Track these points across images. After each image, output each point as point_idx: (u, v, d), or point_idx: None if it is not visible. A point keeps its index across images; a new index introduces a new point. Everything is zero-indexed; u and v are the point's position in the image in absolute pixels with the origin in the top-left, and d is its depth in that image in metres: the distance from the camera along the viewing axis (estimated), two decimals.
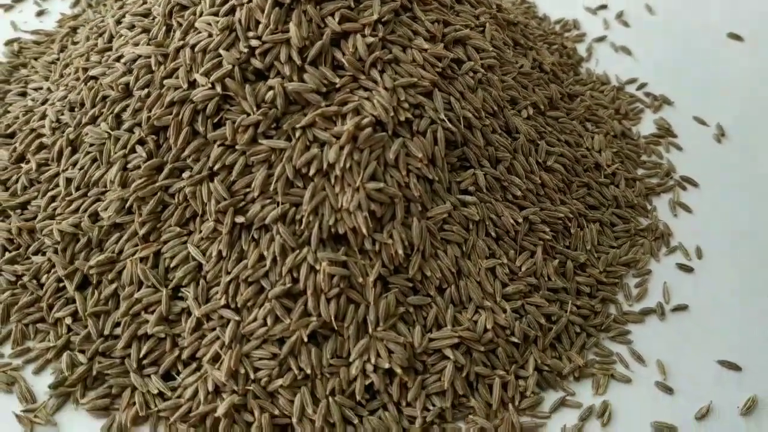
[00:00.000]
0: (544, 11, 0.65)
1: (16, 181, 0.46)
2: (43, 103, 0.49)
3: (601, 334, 0.45)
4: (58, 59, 0.53)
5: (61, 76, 0.49)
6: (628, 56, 0.62)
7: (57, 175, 0.45)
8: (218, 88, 0.40)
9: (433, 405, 0.40)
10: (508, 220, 0.44)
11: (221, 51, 0.41)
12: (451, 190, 0.43)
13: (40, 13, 0.60)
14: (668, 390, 0.43)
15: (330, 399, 0.39)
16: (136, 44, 0.44)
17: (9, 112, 0.51)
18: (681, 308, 0.46)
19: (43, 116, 0.47)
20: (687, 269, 0.48)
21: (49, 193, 0.44)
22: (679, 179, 0.53)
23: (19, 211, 0.45)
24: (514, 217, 0.44)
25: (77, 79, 0.47)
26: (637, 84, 0.60)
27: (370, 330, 0.40)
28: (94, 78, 0.45)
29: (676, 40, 0.64)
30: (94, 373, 0.40)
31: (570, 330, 0.44)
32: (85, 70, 0.46)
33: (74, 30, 0.57)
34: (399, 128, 0.41)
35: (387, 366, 0.39)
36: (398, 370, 0.39)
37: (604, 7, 0.66)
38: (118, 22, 0.48)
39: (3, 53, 0.57)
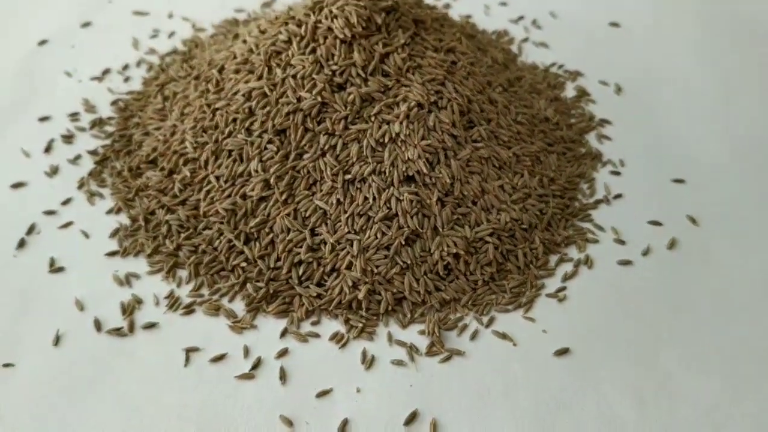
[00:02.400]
0: (482, 26, 0.91)
1: (173, 188, 0.67)
2: (172, 135, 0.70)
3: (574, 219, 0.70)
4: (163, 107, 0.74)
5: (182, 114, 0.70)
6: (546, 48, 0.89)
7: (206, 176, 0.66)
8: (319, 99, 0.63)
9: (485, 272, 0.63)
10: (504, 155, 0.68)
11: (314, 75, 0.64)
12: (466, 141, 0.67)
13: (126, 80, 0.81)
14: (622, 242, 0.68)
15: (425, 277, 0.62)
16: (247, 82, 0.66)
17: (143, 147, 0.72)
18: (618, 196, 0.72)
19: (182, 141, 0.68)
20: (617, 173, 0.74)
21: (204, 189, 0.65)
22: (599, 121, 0.80)
23: (180, 206, 0.66)
24: (507, 153, 0.68)
25: (203, 112, 0.68)
26: (556, 66, 0.86)
27: (440, 232, 0.63)
28: (218, 109, 0.67)
29: (575, 33, 0.91)
30: (271, 291, 0.61)
31: (554, 218, 0.68)
32: (209, 105, 0.68)
33: (162, 86, 0.78)
34: (431, 106, 0.65)
35: (455, 251, 0.62)
36: (462, 253, 0.62)
37: (521, 18, 0.93)
38: (220, 71, 0.70)
39: (112, 111, 0.77)
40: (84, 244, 0.65)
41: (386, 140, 0.63)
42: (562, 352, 0.59)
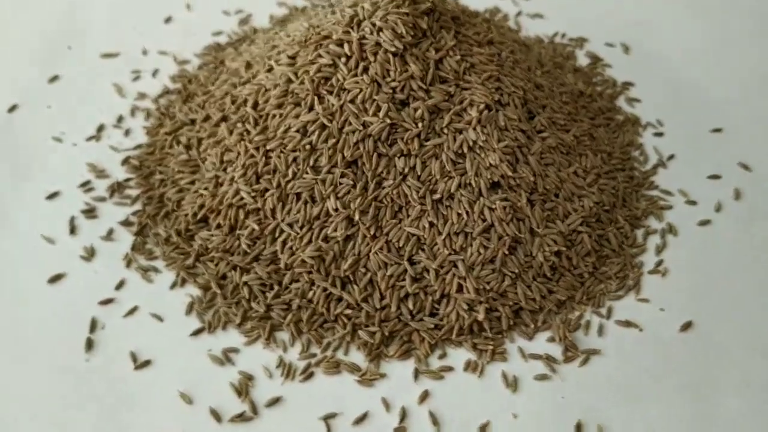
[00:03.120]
0: (471, 7, 0.88)
1: (240, 245, 0.61)
2: (216, 187, 0.63)
3: (641, 189, 0.69)
4: (189, 157, 0.67)
5: (222, 162, 0.64)
6: (542, 19, 0.87)
7: (277, 226, 0.60)
8: (387, 120, 0.59)
9: (587, 262, 0.62)
10: (567, 139, 0.66)
11: (375, 97, 0.59)
12: (533, 133, 0.64)
13: (126, 134, 0.72)
14: (693, 203, 0.68)
15: (535, 282, 0.60)
16: (298, 116, 0.61)
17: (183, 206, 0.64)
18: (671, 157, 0.72)
19: (237, 192, 0.61)
20: (660, 134, 0.74)
21: (279, 240, 0.60)
22: (622, 84, 0.80)
23: (255, 263, 0.60)
24: (569, 137, 0.67)
25: (252, 157, 0.61)
26: (560, 35, 0.85)
27: (537, 232, 0.60)
28: (271, 150, 0.61)
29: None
30: (387, 333, 0.57)
31: (627, 192, 0.68)
32: (258, 148, 0.61)
33: (173, 134, 0.70)
34: (496, 105, 0.62)
35: (556, 249, 0.60)
36: (563, 249, 0.61)
37: None
38: (255, 108, 0.64)
39: (125, 171, 0.69)
40: (160, 328, 0.58)
41: (465, 150, 0.60)
42: (687, 326, 0.59)
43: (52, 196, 0.66)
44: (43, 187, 0.67)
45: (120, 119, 0.73)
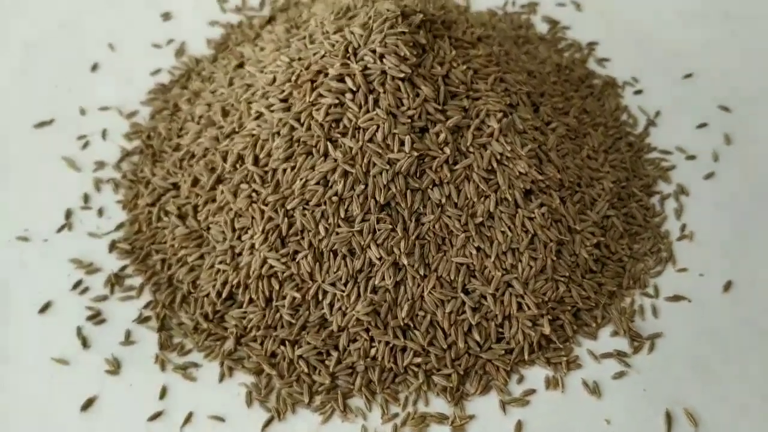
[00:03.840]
0: None
1: (280, 318, 0.56)
2: (234, 258, 0.58)
3: (642, 153, 0.70)
4: (190, 231, 0.60)
5: (235, 230, 0.58)
6: None
7: (319, 288, 0.55)
8: (414, 154, 0.55)
9: (623, 245, 0.62)
10: (572, 122, 0.65)
11: (394, 131, 0.55)
12: (543, 127, 0.62)
13: (100, 214, 0.64)
14: (693, 157, 0.69)
15: (585, 280, 0.59)
16: (312, 167, 0.56)
17: (201, 286, 0.58)
18: (658, 114, 0.73)
19: (264, 262, 0.56)
20: (640, 92, 0.74)
21: (324, 302, 0.55)
22: (588, 45, 0.79)
23: (304, 333, 0.56)
24: (571, 120, 0.65)
25: (270, 220, 0.56)
26: (510, 3, 0.82)
27: (575, 229, 0.60)
28: (292, 210, 0.56)
29: None
30: (461, 372, 0.55)
31: (633, 162, 0.67)
32: (276, 210, 0.56)
33: (156, 205, 0.62)
34: (509, 108, 0.60)
35: (596, 241, 0.60)
36: (602, 239, 0.60)
37: None
38: (256, 163, 0.58)
39: (116, 257, 0.61)
40: (225, 430, 0.53)
41: (494, 164, 0.57)
42: (728, 286, 0.61)
43: (45, 308, 0.58)
44: (29, 301, 0.58)
45: (86, 198, 0.65)
